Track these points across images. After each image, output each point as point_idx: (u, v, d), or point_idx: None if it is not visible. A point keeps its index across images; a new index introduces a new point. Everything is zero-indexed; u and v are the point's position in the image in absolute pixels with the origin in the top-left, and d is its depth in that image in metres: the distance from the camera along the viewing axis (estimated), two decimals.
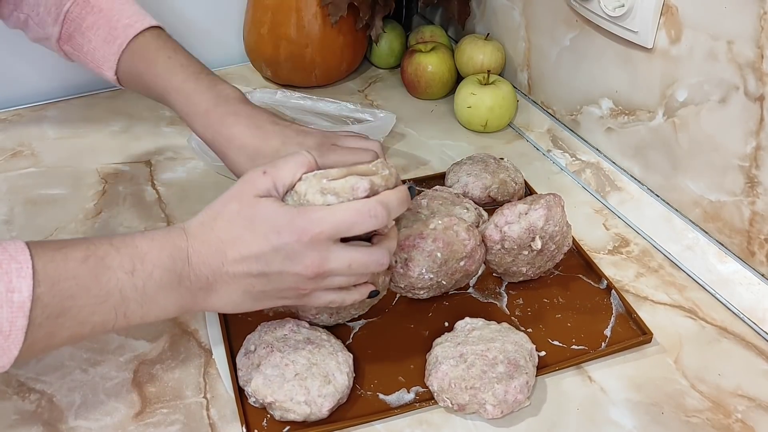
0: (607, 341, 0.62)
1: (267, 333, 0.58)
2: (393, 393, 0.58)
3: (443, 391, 0.55)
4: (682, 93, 0.69)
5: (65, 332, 0.45)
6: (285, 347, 0.57)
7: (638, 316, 0.64)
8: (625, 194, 0.79)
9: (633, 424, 0.56)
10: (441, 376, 0.55)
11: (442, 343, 0.58)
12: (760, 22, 0.59)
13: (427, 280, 0.60)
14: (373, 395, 0.57)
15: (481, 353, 0.56)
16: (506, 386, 0.54)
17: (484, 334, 0.58)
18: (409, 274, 0.59)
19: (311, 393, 0.54)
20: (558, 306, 0.66)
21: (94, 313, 0.46)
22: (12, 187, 0.81)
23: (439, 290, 0.63)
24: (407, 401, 0.57)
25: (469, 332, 0.59)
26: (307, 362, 0.55)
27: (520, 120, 0.94)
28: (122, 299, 0.47)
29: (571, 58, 0.84)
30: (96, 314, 0.46)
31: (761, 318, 0.64)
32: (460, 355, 0.56)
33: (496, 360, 0.55)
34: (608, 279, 0.68)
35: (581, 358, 0.60)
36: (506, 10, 0.94)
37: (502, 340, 0.57)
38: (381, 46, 1.05)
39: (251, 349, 0.57)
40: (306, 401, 0.53)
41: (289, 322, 0.59)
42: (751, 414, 0.57)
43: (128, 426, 0.55)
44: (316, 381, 0.54)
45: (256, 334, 0.59)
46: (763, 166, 0.62)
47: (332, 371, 0.55)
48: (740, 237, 0.67)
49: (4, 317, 0.41)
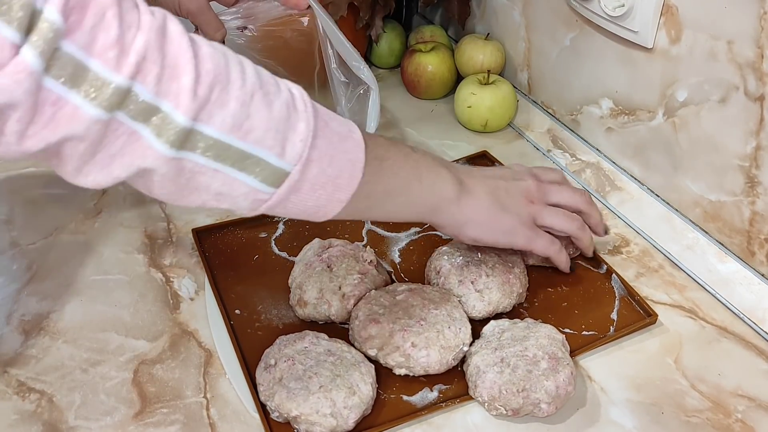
0: (614, 325, 0.63)
1: (286, 346, 0.57)
2: (416, 393, 0.57)
3: (495, 399, 0.54)
4: (682, 93, 0.69)
5: (384, 180, 0.51)
6: (306, 360, 0.55)
7: (641, 298, 0.65)
8: (625, 194, 0.79)
9: (633, 424, 0.56)
10: (489, 385, 0.54)
11: (478, 352, 0.57)
12: (760, 22, 0.59)
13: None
14: (397, 397, 0.57)
15: (521, 354, 0.55)
16: (555, 381, 0.54)
17: (516, 334, 0.58)
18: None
19: (337, 405, 0.53)
20: (563, 294, 0.67)
21: (402, 167, 0.53)
22: (12, 187, 0.81)
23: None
24: (432, 400, 0.57)
25: (500, 335, 0.58)
26: (331, 374, 0.54)
27: (520, 120, 0.94)
28: (415, 161, 0.54)
29: (571, 58, 0.84)
30: (403, 169, 0.53)
31: (761, 318, 0.64)
32: (501, 360, 0.55)
33: (536, 357, 0.55)
34: (607, 263, 0.69)
35: (594, 344, 0.61)
36: (506, 10, 0.94)
37: (535, 336, 0.57)
38: (381, 46, 1.05)
39: (271, 363, 0.56)
40: (332, 413, 0.52)
41: (308, 334, 0.58)
42: (751, 414, 0.57)
43: (128, 426, 0.55)
44: (341, 393, 0.53)
45: (275, 347, 0.57)
46: (763, 166, 0.62)
47: (356, 382, 0.54)
48: (740, 237, 0.67)
49: (352, 147, 0.47)
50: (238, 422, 0.56)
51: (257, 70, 0.43)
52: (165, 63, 0.38)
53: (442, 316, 0.59)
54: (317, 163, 0.45)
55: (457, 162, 0.84)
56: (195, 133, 0.39)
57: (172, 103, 0.38)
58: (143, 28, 0.37)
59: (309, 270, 0.64)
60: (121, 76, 0.36)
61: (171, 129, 0.38)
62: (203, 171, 0.41)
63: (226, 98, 0.40)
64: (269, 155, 0.43)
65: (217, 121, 0.40)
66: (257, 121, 0.42)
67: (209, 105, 0.39)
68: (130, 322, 0.64)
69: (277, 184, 0.44)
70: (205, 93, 0.39)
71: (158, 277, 0.69)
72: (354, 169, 0.47)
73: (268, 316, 0.64)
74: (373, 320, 0.59)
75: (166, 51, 0.38)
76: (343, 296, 0.62)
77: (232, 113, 0.40)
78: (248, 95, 0.41)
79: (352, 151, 0.47)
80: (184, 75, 0.38)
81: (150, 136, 0.38)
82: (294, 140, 0.43)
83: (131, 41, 0.36)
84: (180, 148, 0.39)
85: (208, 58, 0.40)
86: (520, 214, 0.60)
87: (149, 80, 0.37)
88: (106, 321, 0.64)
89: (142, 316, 0.65)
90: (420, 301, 0.60)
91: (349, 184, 0.47)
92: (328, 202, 0.47)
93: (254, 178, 0.43)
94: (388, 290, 0.63)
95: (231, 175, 0.42)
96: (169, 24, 0.39)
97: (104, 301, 0.66)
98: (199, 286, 0.68)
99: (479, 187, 0.58)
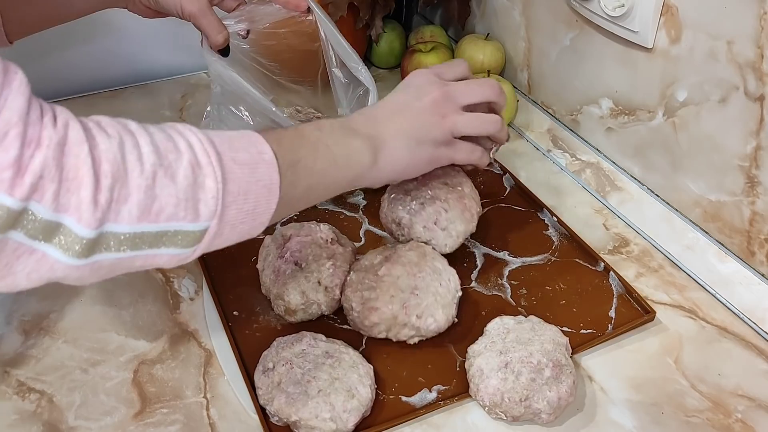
0: (613, 323, 0.63)
1: (284, 349, 0.57)
2: (415, 394, 0.57)
3: (496, 405, 0.54)
4: (682, 93, 0.69)
5: (302, 182, 0.51)
6: (305, 363, 0.55)
7: (639, 295, 0.65)
8: (625, 194, 0.79)
9: (633, 424, 0.56)
10: (492, 391, 0.54)
11: (482, 353, 0.57)
12: (760, 22, 0.59)
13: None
14: (396, 398, 0.57)
15: (525, 360, 0.55)
16: (557, 392, 0.54)
17: (521, 336, 0.57)
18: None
19: (336, 409, 0.53)
20: (561, 292, 0.67)
21: (316, 160, 0.52)
22: None
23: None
24: (431, 400, 0.57)
25: (505, 336, 0.58)
26: (329, 377, 0.54)
27: (520, 120, 0.93)
28: (326, 147, 0.53)
29: (571, 58, 0.84)
30: (317, 161, 0.52)
31: (761, 318, 0.64)
32: (506, 364, 0.55)
33: (541, 364, 0.55)
34: (604, 261, 0.69)
35: (593, 342, 0.61)
36: (506, 10, 0.94)
37: (540, 339, 0.57)
38: (381, 46, 1.05)
39: (269, 366, 0.56)
40: (331, 417, 0.52)
41: (305, 336, 0.58)
42: (751, 414, 0.57)
43: (128, 426, 0.55)
44: (340, 396, 0.53)
45: (272, 350, 0.57)
46: (763, 166, 0.62)
47: (355, 385, 0.54)
48: (740, 237, 0.67)
49: (264, 172, 0.47)
50: (238, 422, 0.56)
51: (155, 142, 0.42)
52: (63, 177, 0.37)
53: (429, 275, 0.61)
54: (233, 205, 0.45)
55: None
56: (104, 236, 0.39)
57: (74, 216, 0.38)
58: (42, 145, 0.36)
59: (280, 276, 0.63)
60: (13, 198, 0.35)
61: (76, 243, 0.38)
62: (122, 261, 0.41)
63: (127, 192, 0.39)
64: (184, 225, 0.42)
65: (125, 216, 0.40)
66: (165, 199, 0.41)
67: (113, 205, 0.39)
68: (130, 322, 0.64)
69: (197, 242, 0.43)
70: (107, 197, 0.39)
71: (158, 277, 0.69)
72: (270, 193, 0.47)
73: (266, 317, 0.64)
74: (371, 308, 0.59)
75: (64, 164, 0.37)
76: (326, 290, 0.62)
77: (137, 203, 0.40)
78: (149, 178, 0.40)
79: (266, 176, 0.47)
80: (83, 187, 0.38)
81: (55, 252, 0.38)
82: (205, 199, 0.43)
83: (29, 161, 0.36)
84: (89, 255, 0.39)
85: (104, 159, 0.39)
86: (435, 138, 0.60)
87: (47, 198, 0.37)
88: (106, 321, 0.64)
89: (142, 316, 0.65)
90: (402, 270, 0.60)
91: (267, 209, 0.47)
92: (252, 229, 0.47)
93: (174, 247, 0.43)
94: (366, 267, 0.62)
95: (150, 253, 0.42)
96: (69, 134, 0.38)
97: (104, 301, 0.66)
98: (198, 286, 0.68)
99: (390, 134, 0.58)
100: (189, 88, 1.00)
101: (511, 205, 0.78)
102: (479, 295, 0.67)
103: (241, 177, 0.45)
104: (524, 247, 0.72)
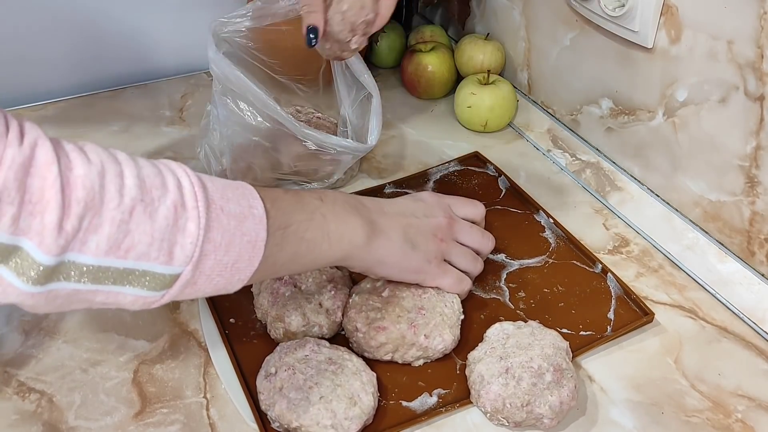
0: (612, 325, 0.63)
1: (287, 354, 0.56)
2: (415, 399, 0.57)
3: (498, 411, 0.54)
4: (682, 93, 0.69)
5: (289, 247, 0.50)
6: (307, 368, 0.55)
7: (637, 296, 0.65)
8: (625, 194, 0.79)
9: (633, 424, 0.56)
10: (494, 397, 0.54)
11: (482, 359, 0.57)
12: (760, 22, 0.59)
13: None
14: (396, 403, 0.57)
15: (526, 365, 0.55)
16: (559, 396, 0.54)
17: (521, 341, 0.57)
18: None
19: (338, 416, 0.52)
20: (559, 294, 0.67)
21: (307, 230, 0.51)
22: None
23: None
24: (431, 405, 0.57)
25: (505, 341, 0.58)
26: (332, 384, 0.54)
27: (520, 120, 0.94)
28: (322, 217, 0.53)
29: (571, 58, 0.84)
30: (308, 231, 0.51)
31: (761, 318, 0.64)
32: (506, 370, 0.55)
33: (542, 369, 0.54)
34: (601, 262, 0.69)
35: (592, 345, 0.61)
36: (506, 10, 0.94)
37: (540, 344, 0.57)
38: (381, 46, 1.05)
39: (272, 371, 0.55)
40: (333, 425, 0.52)
41: (309, 341, 0.57)
42: (751, 414, 0.57)
43: (128, 426, 0.55)
44: (341, 403, 0.53)
45: (275, 355, 0.57)
46: (763, 166, 0.62)
47: (357, 392, 0.54)
48: (740, 237, 0.67)
49: (251, 227, 0.46)
50: (238, 422, 0.56)
51: (141, 176, 0.41)
52: (25, 200, 0.36)
53: (433, 296, 0.61)
54: (212, 255, 0.43)
55: (450, 163, 0.85)
56: (64, 265, 0.38)
57: (34, 241, 0.36)
58: (3, 165, 0.35)
59: (279, 298, 0.61)
60: None
61: (32, 268, 0.37)
62: (81, 293, 0.40)
63: (99, 222, 0.38)
64: (154, 266, 0.41)
65: (92, 247, 0.38)
66: (139, 236, 0.40)
67: (80, 234, 0.38)
68: (130, 322, 0.64)
69: (167, 286, 0.42)
70: (74, 225, 0.37)
71: None
72: (254, 250, 0.46)
73: (263, 324, 0.63)
74: (378, 328, 0.59)
75: (29, 186, 0.36)
76: (327, 312, 0.61)
77: (107, 236, 0.39)
78: (126, 212, 0.39)
79: (252, 231, 0.46)
80: (48, 211, 0.36)
81: (9, 275, 0.37)
82: (183, 243, 0.41)
83: None
84: (46, 283, 0.38)
85: (79, 185, 0.37)
86: (428, 252, 0.60)
87: (4, 221, 0.35)
88: (106, 321, 0.64)
89: (142, 316, 0.65)
90: (407, 291, 0.61)
91: (249, 266, 0.46)
92: (229, 284, 0.46)
93: (140, 288, 0.41)
94: (369, 290, 0.62)
95: (114, 290, 0.41)
96: (37, 153, 0.37)
97: None
98: None
99: (391, 227, 0.58)
100: (189, 88, 1.00)
101: (507, 207, 0.78)
102: (477, 298, 0.67)
103: (226, 227, 0.44)
104: (521, 250, 0.72)
